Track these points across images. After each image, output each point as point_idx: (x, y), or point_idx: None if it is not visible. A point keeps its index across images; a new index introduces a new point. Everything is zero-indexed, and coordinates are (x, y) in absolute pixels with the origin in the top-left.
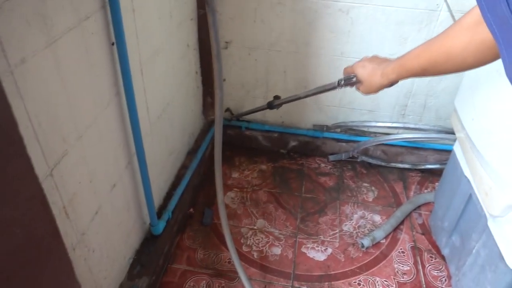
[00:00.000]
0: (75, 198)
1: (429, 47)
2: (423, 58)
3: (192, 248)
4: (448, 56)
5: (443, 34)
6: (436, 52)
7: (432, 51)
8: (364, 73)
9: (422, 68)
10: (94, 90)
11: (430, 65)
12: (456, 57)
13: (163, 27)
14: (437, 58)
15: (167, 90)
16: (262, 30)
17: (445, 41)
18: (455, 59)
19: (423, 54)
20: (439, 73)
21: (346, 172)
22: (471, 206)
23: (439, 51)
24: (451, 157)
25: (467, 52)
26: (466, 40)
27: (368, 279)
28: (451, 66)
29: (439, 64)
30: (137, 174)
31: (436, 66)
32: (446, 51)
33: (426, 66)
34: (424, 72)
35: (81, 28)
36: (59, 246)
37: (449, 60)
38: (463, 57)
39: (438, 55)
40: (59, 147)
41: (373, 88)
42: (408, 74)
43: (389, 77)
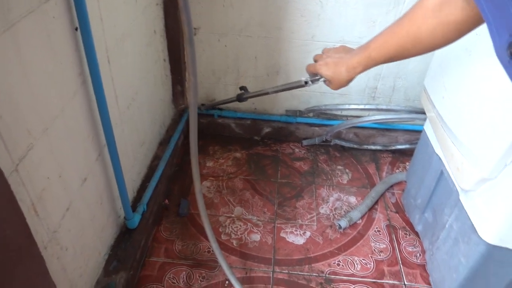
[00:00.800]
0: (44, 194)
1: (395, 34)
2: (391, 45)
3: (169, 240)
4: (416, 41)
5: (407, 19)
6: (403, 39)
7: (399, 37)
8: (329, 71)
9: (390, 56)
10: (59, 79)
11: (398, 52)
12: (425, 41)
13: (128, 11)
14: (405, 44)
15: (136, 78)
16: (232, 15)
17: (411, 26)
18: (424, 43)
19: (390, 42)
20: (407, 57)
21: (320, 156)
22: (442, 182)
23: (407, 37)
24: (422, 136)
25: (435, 34)
26: (433, 23)
27: (346, 259)
28: (420, 49)
29: (407, 49)
30: (109, 167)
31: (404, 52)
32: (414, 36)
33: (394, 54)
34: (391, 59)
35: (41, 12)
36: (31, 246)
37: (417, 44)
38: (432, 39)
39: (406, 41)
40: (24, 141)
41: (342, 83)
42: (375, 63)
43: (356, 71)
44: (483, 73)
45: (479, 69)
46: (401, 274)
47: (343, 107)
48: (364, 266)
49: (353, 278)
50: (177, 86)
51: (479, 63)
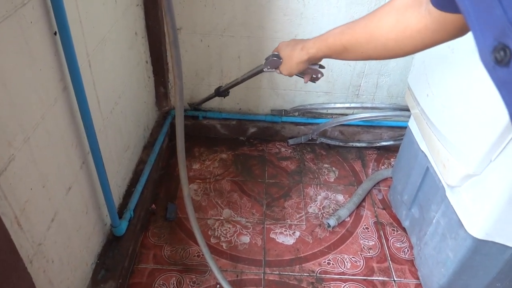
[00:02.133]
0: (28, 206)
1: (354, 25)
2: (346, 34)
3: (158, 246)
4: (371, 37)
5: (371, 14)
6: (360, 31)
7: (357, 29)
8: (286, 50)
9: (343, 46)
10: (39, 86)
11: (351, 44)
12: (378, 39)
13: (108, 13)
14: (359, 37)
15: (118, 82)
16: (214, 15)
17: (371, 21)
18: (377, 41)
19: (347, 31)
20: (360, 55)
21: (306, 154)
22: (428, 178)
23: (363, 30)
24: (407, 133)
25: (389, 35)
26: (391, 23)
27: (336, 257)
28: (372, 48)
29: (360, 44)
30: (94, 174)
31: (357, 46)
32: (369, 31)
33: (347, 45)
34: (344, 51)
35: (18, 17)
36: (16, 261)
37: (371, 41)
38: (385, 39)
39: (361, 34)
40: (4, 152)
41: (293, 64)
42: (329, 50)
43: (309, 51)
44: (466, 70)
45: (462, 66)
46: (390, 270)
47: (328, 106)
48: (354, 264)
49: (344, 276)
50: (160, 88)
51: (463, 60)
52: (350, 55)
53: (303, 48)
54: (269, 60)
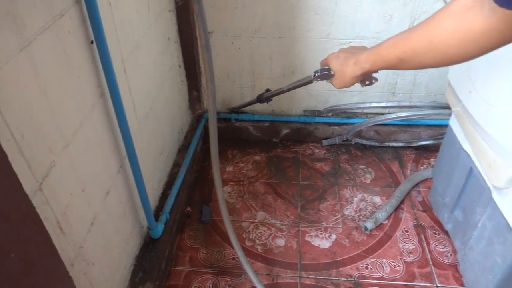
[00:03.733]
0: (68, 210)
1: (410, 34)
2: (402, 46)
3: (193, 248)
4: (429, 45)
5: (426, 20)
6: (416, 40)
7: (412, 38)
8: (337, 63)
9: (399, 58)
10: (77, 94)
11: (408, 55)
12: (438, 47)
13: (142, 20)
14: (416, 46)
15: (152, 86)
16: (244, 17)
17: (427, 28)
18: (437, 49)
19: (402, 42)
20: (417, 65)
21: (341, 155)
22: (472, 180)
23: (420, 39)
24: (448, 132)
25: (450, 41)
26: (451, 28)
27: (375, 261)
28: (431, 57)
29: (418, 54)
30: (130, 178)
31: (414, 57)
32: (427, 39)
33: (404, 56)
34: (401, 63)
35: (56, 27)
36: (58, 265)
37: (429, 50)
38: (446, 47)
39: (418, 43)
40: (46, 159)
41: (346, 79)
42: (384, 64)
43: (363, 66)
44: None
45: (510, 60)
46: (432, 275)
47: (363, 105)
48: (394, 269)
49: (383, 281)
50: (193, 92)
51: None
52: (407, 65)
53: (356, 63)
54: (319, 74)
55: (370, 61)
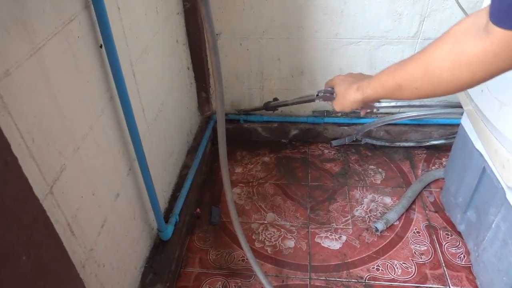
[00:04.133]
0: (79, 213)
1: (409, 59)
2: (400, 71)
3: (203, 250)
4: (425, 69)
5: (427, 46)
6: (413, 65)
7: (410, 63)
8: (342, 86)
9: (397, 83)
10: (87, 98)
11: (405, 80)
12: (433, 71)
13: (150, 23)
14: (413, 71)
15: (161, 89)
16: (252, 18)
17: (425, 52)
18: (431, 74)
19: (400, 67)
20: (415, 92)
21: (351, 156)
22: (485, 180)
23: (417, 63)
24: (460, 131)
25: (443, 65)
26: (445, 50)
27: (386, 263)
28: (427, 83)
29: (414, 79)
30: (140, 180)
31: (411, 83)
32: (423, 63)
33: (401, 81)
34: (398, 89)
35: (66, 32)
36: (69, 267)
37: (425, 74)
38: (440, 71)
39: (415, 68)
40: (56, 162)
41: (347, 103)
42: (383, 90)
43: (364, 91)
44: None
45: None
46: (445, 277)
47: None
48: (405, 270)
49: (394, 283)
50: (202, 93)
51: None
52: (405, 93)
53: (359, 88)
54: (322, 95)
55: (371, 87)
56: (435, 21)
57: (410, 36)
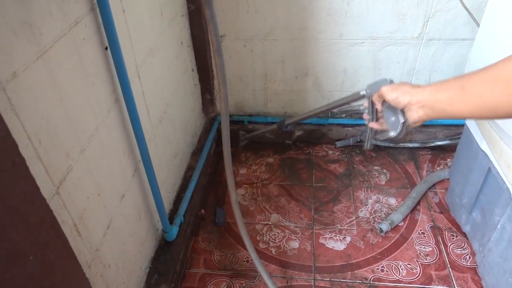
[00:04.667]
0: (85, 214)
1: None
2: (467, 75)
3: (208, 250)
4: (492, 77)
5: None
6: (481, 72)
7: (478, 71)
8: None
9: (461, 85)
10: (92, 99)
11: (470, 83)
12: (500, 79)
13: (155, 26)
14: (480, 76)
15: (166, 91)
16: (256, 20)
17: (496, 64)
18: (499, 81)
19: (468, 73)
20: (476, 103)
21: (355, 157)
22: (491, 180)
23: (485, 71)
24: (464, 132)
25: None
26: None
27: (391, 264)
28: (491, 91)
29: (480, 83)
30: (145, 181)
31: (475, 86)
32: (492, 71)
33: (465, 83)
34: (461, 93)
35: (72, 35)
36: (75, 267)
37: (492, 81)
38: (508, 80)
39: (483, 74)
40: (63, 163)
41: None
42: (445, 92)
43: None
44: None
45: None
46: (450, 278)
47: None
48: (410, 271)
49: (399, 284)
50: (206, 95)
51: None
52: (466, 100)
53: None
54: None
55: (430, 87)
56: (440, 22)
57: (414, 37)
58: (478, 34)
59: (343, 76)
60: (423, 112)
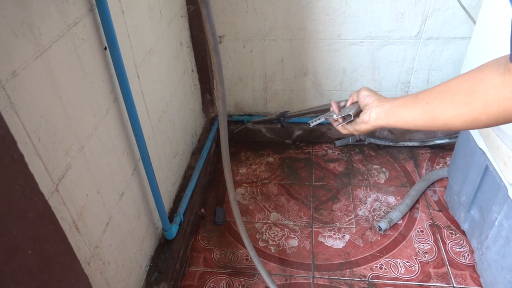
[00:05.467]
0: (84, 211)
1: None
2: (425, 90)
3: (207, 249)
4: (446, 87)
5: None
6: (438, 84)
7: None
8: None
9: (417, 94)
10: (92, 98)
11: (425, 92)
12: (451, 89)
13: (154, 26)
14: (435, 87)
15: (165, 91)
16: (255, 20)
17: (451, 78)
18: (447, 91)
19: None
20: (425, 109)
21: (355, 156)
22: (488, 177)
23: (441, 83)
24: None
25: (462, 86)
26: (470, 75)
27: (389, 262)
28: (441, 99)
29: (432, 92)
30: (145, 180)
31: (428, 94)
32: (445, 82)
33: (421, 94)
34: (414, 99)
35: (71, 35)
36: (74, 263)
37: (442, 91)
38: (457, 90)
39: (439, 86)
40: (62, 161)
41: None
42: (402, 100)
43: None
44: None
45: None
46: (449, 276)
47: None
48: (409, 269)
49: (398, 282)
50: (206, 95)
51: None
52: (417, 106)
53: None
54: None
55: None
56: (437, 21)
57: (412, 36)
58: (475, 32)
59: (342, 76)
60: (375, 114)
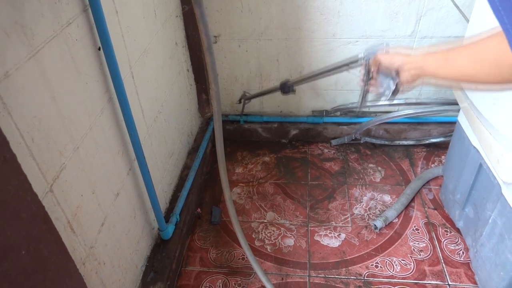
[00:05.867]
0: (79, 211)
1: None
2: (452, 47)
3: (203, 249)
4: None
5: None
6: (464, 45)
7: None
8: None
9: (445, 50)
10: (85, 99)
11: (452, 49)
12: (478, 53)
13: (148, 26)
14: (460, 45)
15: (160, 91)
16: (251, 20)
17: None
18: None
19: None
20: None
21: (350, 155)
22: (482, 176)
23: (467, 44)
24: (456, 129)
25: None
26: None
27: (385, 260)
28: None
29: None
30: (140, 180)
31: (454, 54)
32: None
33: (448, 50)
34: (444, 53)
35: (64, 35)
36: (68, 263)
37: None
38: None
39: (464, 47)
40: (56, 161)
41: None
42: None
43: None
44: None
45: None
46: (444, 273)
47: (371, 103)
48: (404, 267)
49: (393, 280)
50: (202, 95)
51: None
52: (449, 69)
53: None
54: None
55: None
56: (431, 20)
57: (407, 35)
58: (468, 31)
59: (337, 75)
60: (415, 71)
